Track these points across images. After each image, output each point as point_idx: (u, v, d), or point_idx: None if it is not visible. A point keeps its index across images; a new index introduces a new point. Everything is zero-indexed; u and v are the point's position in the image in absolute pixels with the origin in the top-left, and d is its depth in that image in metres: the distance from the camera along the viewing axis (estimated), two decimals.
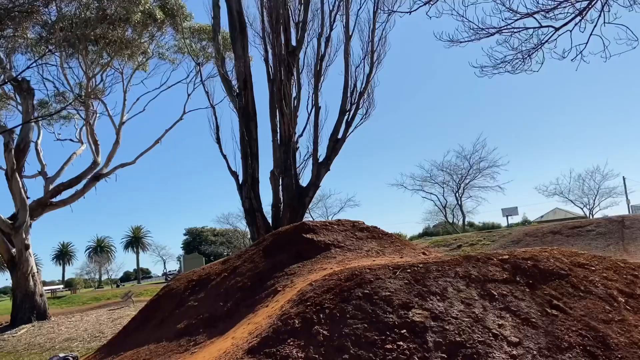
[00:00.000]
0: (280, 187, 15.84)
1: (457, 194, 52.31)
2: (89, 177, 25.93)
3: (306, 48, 16.71)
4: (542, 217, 59.94)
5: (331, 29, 16.54)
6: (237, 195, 16.54)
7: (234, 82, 16.46)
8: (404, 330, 4.23)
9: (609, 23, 9.43)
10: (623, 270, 5.46)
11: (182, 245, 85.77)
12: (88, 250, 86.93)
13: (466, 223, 54.13)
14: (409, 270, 5.07)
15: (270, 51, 16.22)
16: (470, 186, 51.66)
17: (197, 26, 26.80)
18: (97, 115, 27.82)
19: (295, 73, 16.55)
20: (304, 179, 16.20)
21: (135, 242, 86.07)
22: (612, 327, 4.36)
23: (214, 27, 17.20)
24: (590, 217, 49.04)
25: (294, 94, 16.54)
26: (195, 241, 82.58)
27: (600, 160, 76.43)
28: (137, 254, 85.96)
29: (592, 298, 4.84)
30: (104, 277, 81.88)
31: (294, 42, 16.39)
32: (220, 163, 16.73)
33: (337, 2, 16.40)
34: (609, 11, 9.22)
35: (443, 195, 53.25)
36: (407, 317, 4.40)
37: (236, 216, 61.51)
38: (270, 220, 15.89)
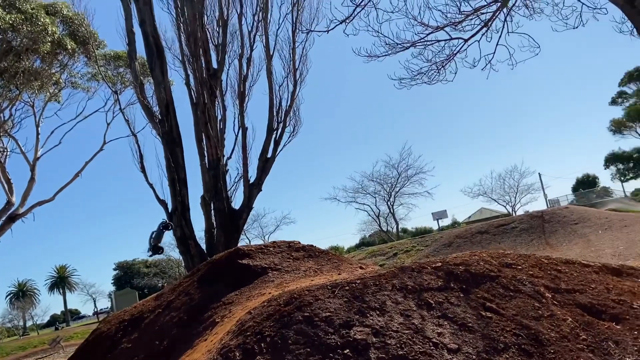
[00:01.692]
0: (213, 211, 15.46)
1: (388, 203, 53.65)
2: (3, 218, 24.09)
3: (228, 69, 16.59)
4: (469, 217, 62.71)
5: (252, 50, 16.53)
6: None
7: (156, 108, 15.96)
8: (347, 350, 4.19)
9: (512, 32, 10.10)
10: (547, 267, 5.74)
11: (112, 281, 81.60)
12: (9, 297, 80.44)
13: (400, 230, 55.63)
14: (347, 288, 5.06)
15: (191, 74, 15.92)
16: (401, 194, 53.23)
17: (112, 53, 25.86)
18: (8, 152, 25.99)
19: (219, 95, 16.34)
20: (237, 202, 15.94)
21: (61, 282, 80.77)
22: (542, 324, 4.56)
23: (130, 53, 16.62)
24: (513, 213, 51.85)
25: (219, 117, 16.31)
26: (126, 275, 78.84)
27: (517, 160, 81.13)
28: (64, 294, 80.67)
29: (521, 297, 5.04)
30: (29, 323, 76.01)
31: (215, 65, 16.19)
32: (148, 192, 16.05)
33: (255, 23, 16.44)
34: (511, 21, 9.87)
35: (376, 205, 54.47)
36: (349, 336, 4.36)
37: (169, 245, 59.40)
38: (204, 247, 15.44)
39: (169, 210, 15.16)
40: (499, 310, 4.78)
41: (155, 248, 14.47)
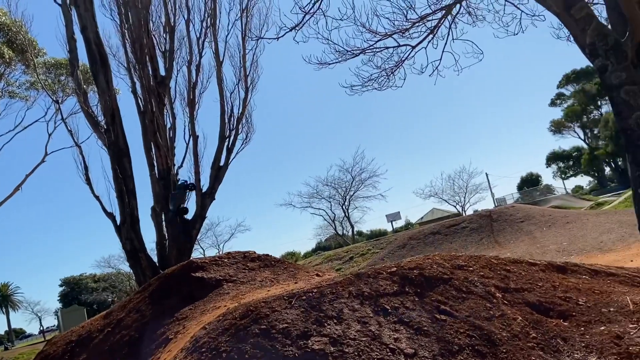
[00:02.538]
0: (164, 223, 15.08)
1: (343, 206, 53.96)
2: None
3: (177, 77, 16.30)
4: (422, 218, 64.06)
5: (200, 56, 16.30)
6: (116, 235, 15.42)
7: (101, 118, 15.43)
8: None
9: (457, 39, 10.40)
10: (497, 267, 5.91)
11: (58, 298, 77.99)
12: None
13: (355, 233, 56.05)
14: (304, 298, 5.02)
15: (138, 82, 15.51)
16: (355, 197, 53.66)
17: (52, 61, 24.82)
18: None
19: (167, 103, 16.01)
20: (189, 212, 15.62)
21: (3, 301, 76.43)
22: (494, 323, 4.67)
23: (71, 61, 16.00)
24: (463, 213, 53.33)
25: (168, 125, 16.00)
26: (73, 291, 75.53)
27: (466, 161, 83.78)
28: (7, 314, 76.42)
29: (474, 298, 5.15)
30: None
31: (162, 72, 15.85)
32: (94, 204, 15.47)
33: (203, 30, 16.23)
34: (456, 28, 10.16)
35: (331, 209, 54.66)
36: (306, 346, 4.33)
37: (118, 258, 57.52)
38: (156, 260, 15.01)
39: (117, 223, 14.65)
40: (453, 313, 4.86)
41: (181, 210, 14.08)
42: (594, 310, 5.08)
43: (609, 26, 5.57)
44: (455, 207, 58.69)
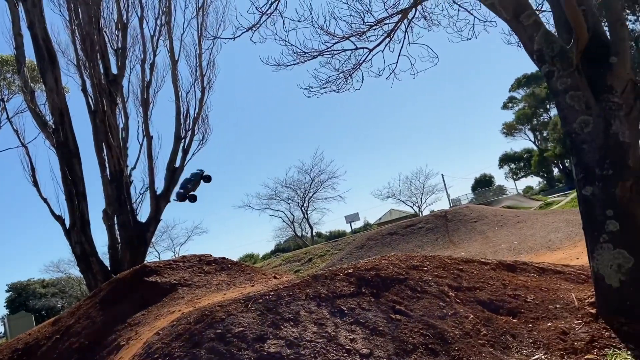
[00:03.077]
0: (116, 226, 14.64)
1: (302, 208, 53.98)
2: None
3: (130, 75, 15.88)
4: (380, 219, 64.78)
5: (155, 55, 15.95)
6: (66, 239, 14.83)
7: (49, 117, 14.84)
8: None
9: (413, 43, 10.57)
10: (450, 266, 6.04)
11: (5, 304, 74.37)
12: None
13: (315, 234, 56.15)
14: (260, 301, 4.98)
15: (88, 80, 15.00)
16: (314, 199, 53.78)
17: None
18: None
19: (120, 102, 15.56)
20: (143, 214, 15.24)
21: None
22: (447, 322, 4.77)
23: (18, 58, 15.34)
24: (420, 214, 54.35)
25: (121, 125, 15.55)
26: (21, 297, 72.12)
27: (422, 162, 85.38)
28: None
29: (428, 297, 5.25)
30: None
31: (114, 70, 15.40)
32: (42, 207, 14.86)
33: (158, 27, 15.87)
34: (412, 32, 10.31)
35: (290, 211, 54.55)
36: (262, 350, 4.29)
37: (68, 262, 55.48)
38: (108, 264, 14.55)
39: (67, 226, 14.12)
40: (408, 312, 4.94)
41: (191, 196, 13.72)
42: (542, 307, 5.27)
43: (556, 34, 5.80)
44: (412, 207, 59.78)
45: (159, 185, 15.36)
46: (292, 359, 4.17)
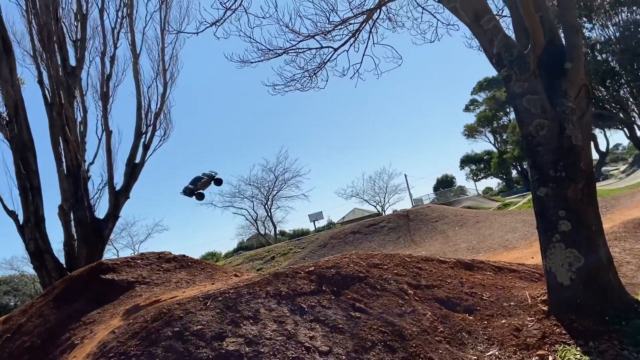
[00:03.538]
0: (73, 222, 14.17)
1: (266, 206, 53.66)
2: None
3: (89, 68, 15.39)
4: (343, 218, 65.17)
5: (116, 47, 15.49)
6: (19, 235, 14.27)
7: (3, 109, 14.22)
8: None
9: (377, 44, 10.68)
10: (410, 265, 6.13)
11: None
12: None
13: (278, 232, 55.93)
14: (220, 299, 4.93)
15: (45, 72, 14.44)
16: (278, 197, 53.52)
17: None
18: None
19: (78, 95, 15.06)
20: (101, 211, 14.83)
21: None
22: (406, 319, 4.84)
23: None
24: (383, 213, 54.93)
25: (79, 118, 15.04)
26: None
27: (386, 162, 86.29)
28: None
29: (387, 295, 5.31)
30: None
31: (73, 62, 14.89)
32: None
33: (119, 20, 15.44)
34: (377, 33, 10.42)
35: (253, 209, 54.11)
36: (221, 348, 4.25)
37: (22, 259, 53.38)
38: (64, 261, 14.07)
39: (20, 222, 13.59)
40: (367, 310, 4.99)
41: (199, 194, 13.43)
42: (497, 305, 5.42)
43: (515, 39, 5.97)
44: (375, 207, 60.35)
45: (118, 181, 14.96)
46: (250, 357, 4.15)
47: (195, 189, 14.15)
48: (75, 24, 15.05)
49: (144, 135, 15.27)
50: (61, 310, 6.65)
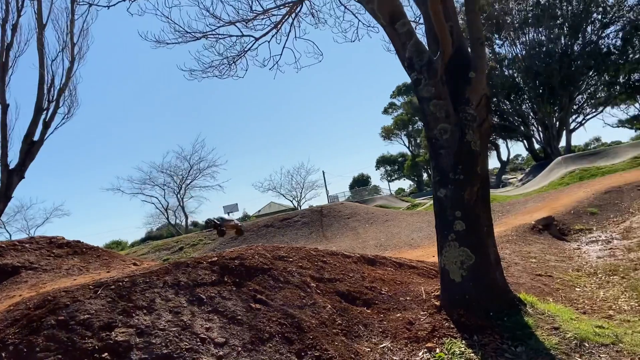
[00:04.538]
0: None
1: (178, 195, 52.11)
2: None
3: None
4: (259, 210, 64.90)
5: (19, 15, 14.22)
6: None
7: None
8: (105, 354, 3.87)
9: (300, 38, 10.71)
10: (315, 258, 6.20)
11: None
12: None
13: (190, 223, 54.49)
14: (112, 287, 4.68)
15: None
16: (192, 186, 52.22)
17: None
18: None
19: None
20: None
21: None
22: (305, 312, 4.88)
23: None
24: (299, 208, 55.36)
25: None
26: None
27: (304, 158, 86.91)
28: None
29: (290, 287, 5.33)
30: None
31: None
32: None
33: None
34: (299, 27, 10.43)
35: (164, 197, 52.32)
36: (109, 338, 4.04)
37: None
38: None
39: None
40: (268, 302, 4.97)
41: (221, 232, 16.56)
42: (394, 299, 5.62)
43: (427, 45, 6.21)
44: (292, 201, 60.68)
45: (13, 159, 13.79)
46: (140, 348, 3.98)
47: (221, 225, 15.78)
48: None
49: (45, 112, 14.18)
50: None
